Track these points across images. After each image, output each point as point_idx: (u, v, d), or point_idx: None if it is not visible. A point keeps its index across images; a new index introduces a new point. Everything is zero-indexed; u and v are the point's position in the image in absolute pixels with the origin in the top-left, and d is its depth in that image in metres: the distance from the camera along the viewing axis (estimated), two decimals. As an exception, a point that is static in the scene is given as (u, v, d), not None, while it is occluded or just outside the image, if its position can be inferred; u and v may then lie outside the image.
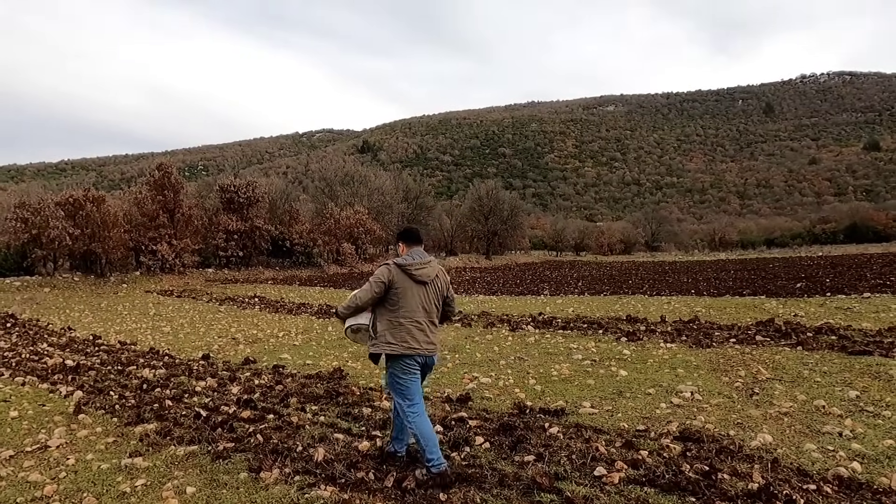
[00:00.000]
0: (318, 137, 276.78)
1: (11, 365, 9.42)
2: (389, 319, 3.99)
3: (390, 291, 4.00)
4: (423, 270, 4.06)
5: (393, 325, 3.97)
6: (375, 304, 4.09)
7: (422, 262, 4.08)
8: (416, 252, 4.17)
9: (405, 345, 3.95)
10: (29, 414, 6.17)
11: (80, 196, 26.60)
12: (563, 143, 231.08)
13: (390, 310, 4.00)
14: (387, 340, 3.97)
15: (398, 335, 3.95)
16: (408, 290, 3.99)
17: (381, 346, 3.99)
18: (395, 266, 4.02)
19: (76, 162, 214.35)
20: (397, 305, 3.98)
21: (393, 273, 4.00)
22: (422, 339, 4.00)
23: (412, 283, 4.02)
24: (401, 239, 4.28)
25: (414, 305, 3.99)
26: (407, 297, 3.98)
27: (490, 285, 24.96)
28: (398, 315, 3.97)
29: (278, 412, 5.67)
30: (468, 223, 54.19)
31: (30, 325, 14.53)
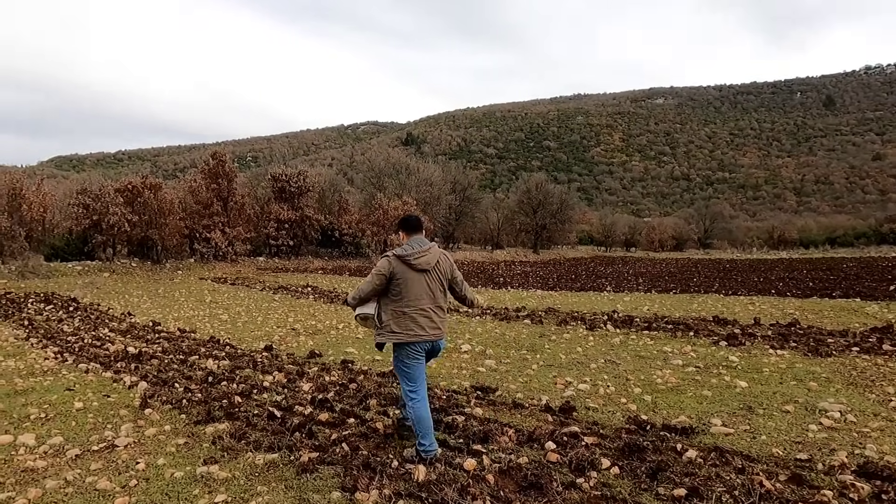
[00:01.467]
0: (362, 130, 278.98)
1: (75, 350, 9.23)
2: (393, 309, 4.06)
3: (392, 282, 4.06)
4: (423, 258, 4.07)
5: (397, 315, 4.04)
6: (379, 295, 4.17)
7: (421, 251, 4.09)
8: (416, 240, 4.18)
9: (410, 333, 4.03)
10: (94, 406, 5.80)
11: (138, 183, 26.99)
12: (610, 137, 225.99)
13: (394, 300, 4.07)
14: (391, 329, 4.06)
15: (402, 324, 4.03)
16: (409, 280, 4.04)
17: (386, 335, 4.09)
18: (394, 257, 4.07)
19: (132, 152, 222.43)
20: (400, 295, 4.04)
21: (393, 265, 4.05)
22: (427, 326, 4.07)
23: (413, 273, 4.05)
24: (401, 227, 4.32)
25: (417, 294, 4.04)
26: (409, 287, 4.03)
27: (544, 280, 24.08)
28: (401, 304, 4.04)
29: (359, 416, 5.10)
30: (516, 216, 53.08)
31: (91, 309, 14.56)
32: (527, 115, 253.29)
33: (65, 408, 5.75)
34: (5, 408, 5.81)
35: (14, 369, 7.92)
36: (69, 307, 14.88)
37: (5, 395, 6.35)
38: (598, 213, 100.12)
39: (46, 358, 8.68)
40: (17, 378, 7.26)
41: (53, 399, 6.10)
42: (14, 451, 4.51)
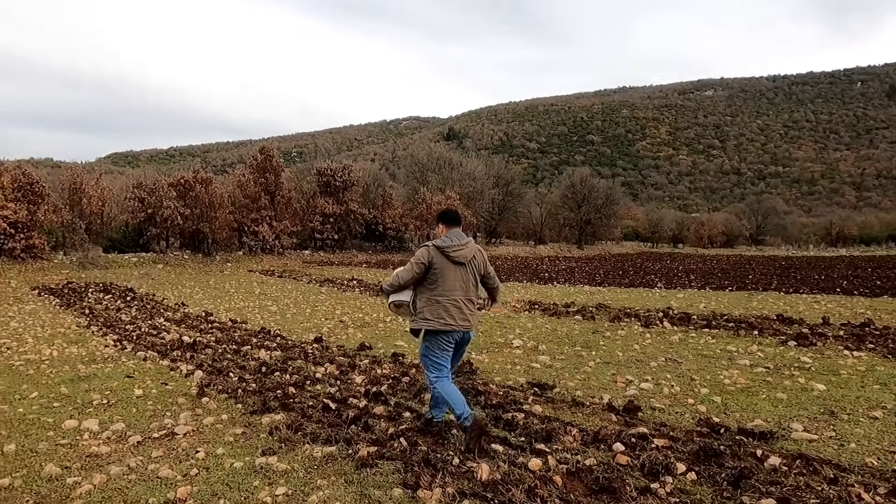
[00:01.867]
0: (404, 125, 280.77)
1: (133, 338, 9.47)
2: (428, 297, 4.21)
3: (430, 271, 4.21)
4: (461, 252, 4.23)
5: (431, 303, 4.19)
6: (416, 283, 4.31)
7: (460, 244, 4.25)
8: (454, 234, 4.33)
9: (442, 321, 4.17)
10: (153, 393, 5.88)
11: (190, 178, 27.75)
12: (656, 130, 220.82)
13: (429, 288, 4.22)
14: (425, 317, 4.20)
15: (436, 312, 4.16)
16: (446, 271, 4.19)
17: (420, 322, 4.24)
18: (434, 248, 4.23)
19: (183, 149, 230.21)
20: (436, 284, 4.19)
21: (432, 254, 4.20)
22: (458, 317, 4.21)
23: (450, 264, 4.20)
24: (440, 221, 4.47)
25: (452, 285, 4.19)
26: (445, 277, 4.19)
27: (590, 276, 23.59)
28: (436, 293, 4.18)
29: (415, 410, 4.98)
30: (559, 211, 52.31)
31: (147, 299, 15.00)
32: (570, 108, 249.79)
33: (125, 394, 5.85)
34: (69, 393, 5.96)
35: (77, 356, 8.16)
36: (126, 297, 15.37)
37: (69, 381, 6.52)
38: (644, 209, 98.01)
39: (106, 345, 8.93)
40: (80, 364, 7.47)
41: (114, 386, 6.22)
42: (79, 435, 4.59)
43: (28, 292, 16.92)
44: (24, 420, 5.07)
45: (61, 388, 6.16)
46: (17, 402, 5.68)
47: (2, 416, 5.19)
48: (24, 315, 12.52)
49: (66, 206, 26.58)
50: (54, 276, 21.59)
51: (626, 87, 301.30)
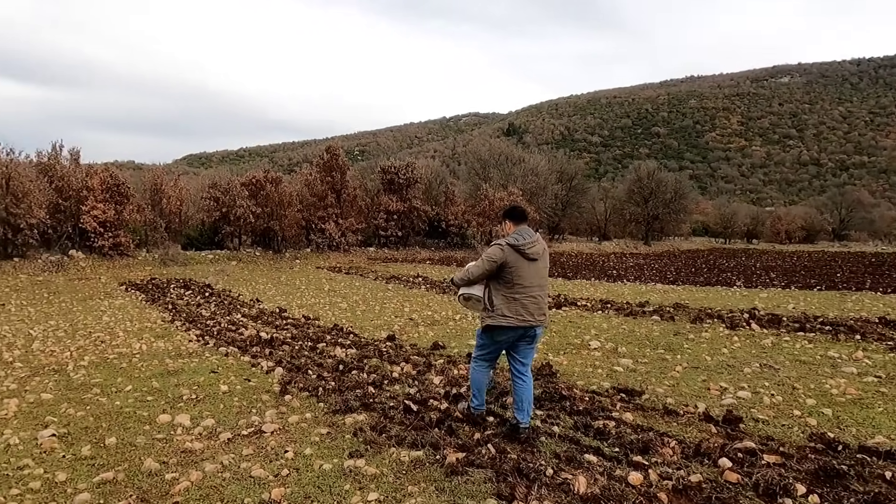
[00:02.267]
0: (464, 121, 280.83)
1: (213, 334, 9.81)
2: (505, 295, 4.21)
3: (504, 269, 4.21)
4: (534, 248, 4.25)
5: (508, 300, 4.20)
6: (489, 279, 4.33)
7: (532, 241, 4.26)
8: (523, 230, 4.32)
9: (520, 318, 4.20)
10: (237, 389, 6.02)
11: (261, 177, 28.71)
12: (727, 121, 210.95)
13: (506, 286, 4.21)
14: (503, 314, 4.20)
15: (514, 308, 4.18)
16: (521, 268, 4.20)
17: (498, 319, 4.22)
18: (507, 246, 4.22)
19: (252, 149, 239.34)
20: (512, 282, 4.19)
21: (505, 252, 4.21)
22: (536, 312, 4.25)
23: (525, 261, 4.21)
24: (507, 217, 4.46)
25: (529, 281, 4.21)
26: (521, 274, 4.20)
27: (661, 273, 22.73)
28: (514, 291, 4.19)
29: (498, 414, 4.85)
30: (625, 206, 50.78)
31: (224, 295, 15.59)
32: (634, 100, 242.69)
33: (212, 390, 6.01)
34: (160, 387, 6.19)
35: (164, 350, 8.52)
36: (205, 293, 16.03)
37: (159, 375, 6.79)
38: (714, 203, 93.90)
39: (190, 340, 9.28)
40: (168, 359, 7.78)
41: (201, 381, 6.42)
42: (172, 430, 4.73)
43: (116, 287, 17.95)
44: (122, 413, 5.29)
45: (153, 382, 6.42)
46: (114, 395, 5.94)
47: (102, 409, 5.44)
48: (115, 309, 13.26)
49: (148, 205, 28.10)
50: (139, 273, 22.84)
51: (693, 76, 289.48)
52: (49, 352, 8.64)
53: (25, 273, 22.14)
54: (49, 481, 3.80)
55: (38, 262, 23.44)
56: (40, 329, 10.75)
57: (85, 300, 15.20)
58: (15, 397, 5.97)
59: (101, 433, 4.73)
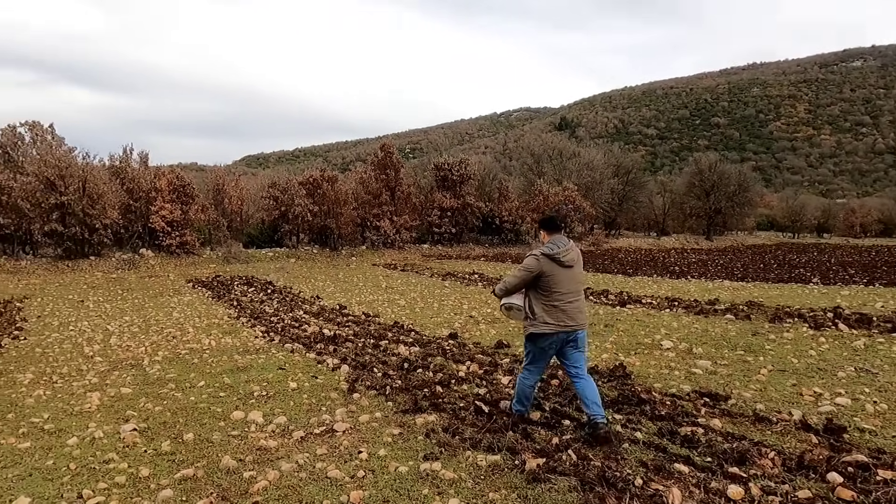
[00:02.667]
0: (515, 116, 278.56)
1: (278, 330, 9.98)
2: (544, 303, 4.32)
3: (541, 279, 4.33)
4: (569, 255, 4.35)
5: (548, 308, 4.31)
6: (528, 289, 4.45)
7: (566, 249, 4.36)
8: (558, 239, 4.43)
9: (562, 323, 4.30)
10: (306, 386, 6.05)
11: (317, 176, 29.26)
12: (793, 109, 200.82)
13: (544, 294, 4.32)
14: (545, 321, 4.31)
15: (555, 315, 4.29)
16: (558, 275, 4.31)
17: (540, 327, 4.34)
18: (543, 256, 4.33)
19: (307, 149, 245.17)
20: (550, 290, 4.30)
21: (542, 262, 4.33)
22: (576, 316, 4.34)
23: (561, 269, 4.32)
24: (543, 228, 4.61)
25: (565, 288, 4.31)
26: (559, 282, 4.31)
27: (727, 270, 21.74)
28: (552, 299, 4.30)
29: (574, 418, 4.65)
30: (685, 200, 48.95)
31: (285, 292, 15.91)
32: (692, 90, 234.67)
33: (281, 387, 6.06)
34: (231, 383, 6.29)
35: (232, 346, 8.71)
36: (267, 289, 16.41)
37: (230, 371, 6.91)
38: (779, 195, 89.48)
39: (256, 336, 9.47)
40: (236, 355, 7.94)
41: (270, 377, 6.49)
42: (247, 427, 4.76)
43: (184, 284, 18.65)
44: (197, 408, 5.38)
45: (224, 378, 6.54)
46: (188, 391, 6.08)
47: (178, 404, 5.56)
48: (183, 306, 13.74)
49: (211, 205, 29.12)
50: (204, 270, 23.70)
51: (756, 63, 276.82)
52: (125, 347, 9.00)
53: (101, 271, 23.34)
54: (133, 476, 3.87)
55: (111, 260, 24.68)
56: (116, 325, 11.24)
57: (155, 297, 15.84)
58: (97, 391, 6.20)
59: (178, 428, 4.82)
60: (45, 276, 22.22)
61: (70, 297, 16.25)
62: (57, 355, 8.52)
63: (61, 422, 5.16)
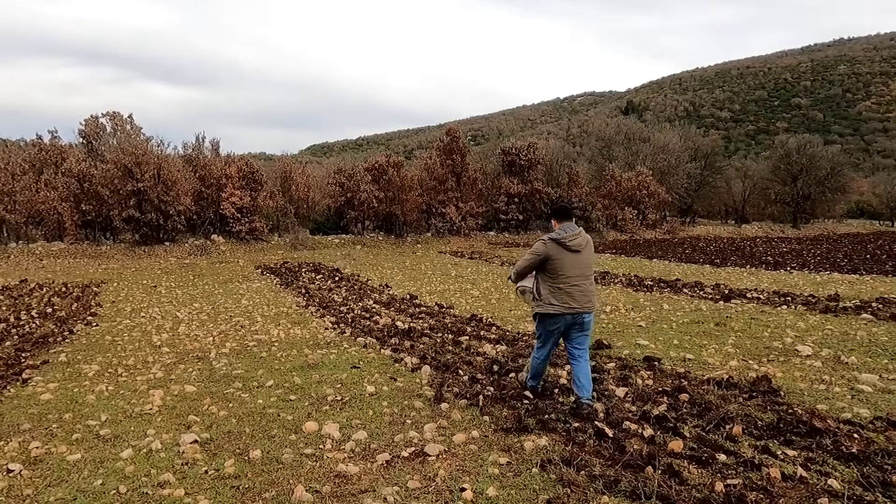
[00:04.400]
0: (579, 101, 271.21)
1: (348, 321, 9.36)
2: (550, 285, 4.54)
3: (548, 262, 4.55)
4: (576, 240, 4.55)
5: (554, 290, 4.53)
6: (537, 272, 4.68)
7: (573, 234, 4.56)
8: (567, 226, 4.63)
9: (566, 305, 4.51)
10: (384, 391, 5.29)
11: (383, 162, 28.82)
12: (885, 87, 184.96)
13: (551, 277, 4.54)
14: (550, 302, 4.54)
15: (560, 297, 4.51)
16: (564, 259, 4.51)
17: (545, 307, 4.57)
18: (550, 241, 4.56)
19: (369, 138, 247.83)
20: (556, 273, 4.51)
21: (548, 246, 4.55)
22: (581, 299, 4.54)
23: (567, 253, 4.52)
24: (553, 216, 4.77)
25: (571, 271, 4.51)
26: (564, 265, 4.51)
27: (828, 261, 19.62)
28: (558, 281, 4.51)
29: (728, 450, 3.63)
30: (770, 185, 45.45)
31: (353, 279, 15.41)
32: (770, 70, 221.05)
33: (357, 390, 5.33)
34: (302, 383, 5.63)
35: (301, 338, 8.13)
36: (335, 277, 15.98)
37: (300, 368, 6.28)
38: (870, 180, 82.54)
39: (326, 328, 8.88)
40: (306, 349, 7.32)
41: (343, 378, 5.79)
42: (321, 444, 4.04)
43: (252, 271, 18.55)
44: (265, 415, 4.72)
45: (294, 376, 5.89)
46: (256, 391, 5.45)
47: (244, 408, 4.93)
48: (252, 293, 13.44)
49: (278, 192, 29.26)
50: (272, 256, 23.72)
51: (842, 38, 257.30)
52: (193, 336, 8.60)
53: (175, 256, 23.78)
54: (190, 508, 3.19)
55: (184, 246, 25.14)
56: (186, 312, 10.97)
57: (225, 283, 15.71)
58: (160, 388, 5.68)
59: (244, 441, 4.15)
60: (123, 260, 22.84)
61: (144, 282, 16.39)
62: (125, 344, 8.21)
63: (119, 425, 4.62)
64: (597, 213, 35.06)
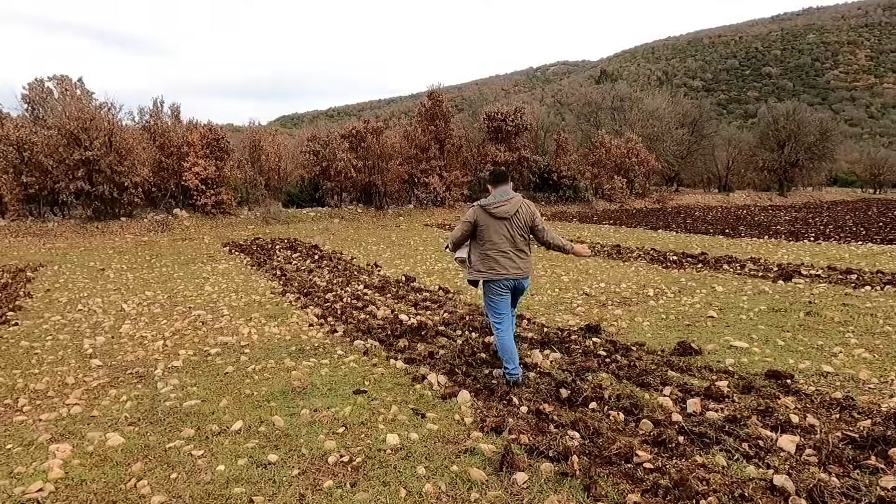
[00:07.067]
0: (552, 71, 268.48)
1: (337, 314, 7.48)
2: (479, 252, 4.58)
3: (478, 228, 4.55)
4: (502, 208, 4.46)
5: (482, 257, 4.54)
6: (471, 239, 4.68)
7: (502, 201, 4.48)
8: (500, 191, 4.55)
9: (493, 272, 4.50)
10: (412, 441, 3.48)
11: (361, 128, 26.54)
12: (853, 56, 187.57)
13: (479, 244, 4.57)
14: (478, 269, 4.57)
15: (486, 264, 4.52)
16: (490, 227, 4.48)
17: (474, 274, 4.63)
18: (478, 207, 4.56)
19: (340, 108, 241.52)
20: (483, 239, 4.52)
21: (477, 213, 4.55)
22: (509, 266, 4.49)
23: (493, 220, 4.47)
24: (489, 181, 4.70)
25: (498, 238, 4.46)
26: (490, 232, 4.48)
27: (844, 229, 18.37)
28: (485, 248, 4.51)
29: None
30: (758, 152, 44.37)
31: (335, 258, 13.45)
32: (741, 38, 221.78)
33: (371, 440, 3.52)
34: (286, 427, 3.78)
35: (280, 340, 6.26)
36: (313, 255, 13.99)
37: (281, 395, 4.42)
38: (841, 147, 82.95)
39: (310, 324, 7.00)
40: (287, 358, 5.47)
41: (347, 414, 3.95)
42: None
43: (219, 249, 16.40)
44: (228, 502, 2.87)
45: (273, 412, 4.05)
46: (216, 445, 3.58)
47: (195, 487, 3.05)
48: (218, 276, 11.40)
49: (247, 162, 26.80)
50: (241, 232, 21.50)
51: (811, 7, 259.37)
52: (138, 339, 6.63)
53: (131, 233, 21.39)
54: None
55: (143, 221, 22.71)
56: (134, 302, 8.93)
57: (187, 264, 13.59)
58: (70, 438, 3.77)
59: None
60: (73, 238, 20.38)
61: (91, 263, 14.15)
62: (45, 353, 6.20)
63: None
64: (585, 182, 33.43)
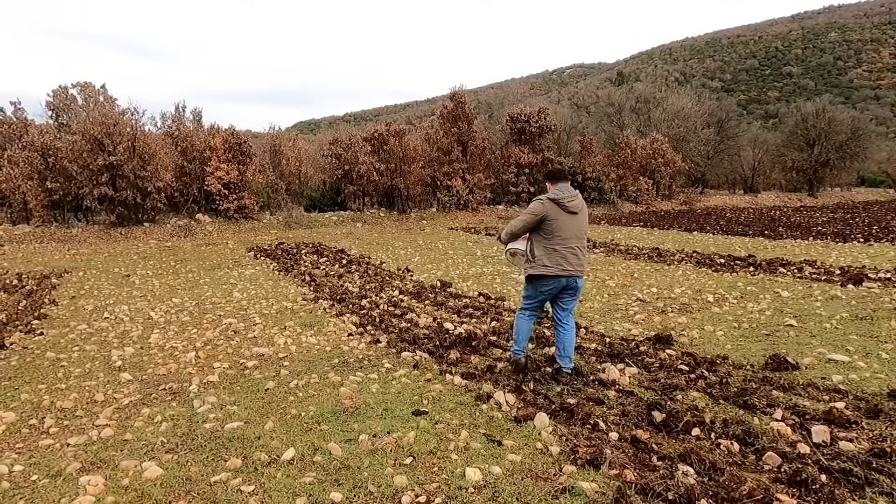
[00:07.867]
0: (568, 73, 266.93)
1: (377, 322, 7.01)
2: (545, 246, 4.47)
3: (545, 223, 4.46)
4: (574, 202, 4.49)
5: (549, 251, 4.45)
6: (532, 233, 4.60)
7: (571, 196, 4.49)
8: (563, 187, 4.56)
9: (560, 267, 4.44)
10: (496, 475, 3.01)
11: (383, 130, 26.14)
12: (876, 54, 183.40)
13: (546, 238, 4.46)
14: (544, 264, 4.47)
15: (553, 259, 4.43)
16: (560, 220, 4.43)
17: (539, 269, 4.49)
18: (548, 200, 4.49)
19: (356, 113, 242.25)
20: (552, 234, 4.43)
21: (546, 206, 4.47)
22: (574, 262, 4.47)
23: (564, 214, 4.44)
24: (548, 179, 4.77)
25: (568, 233, 4.43)
26: (561, 227, 4.43)
27: (872, 229, 17.52)
28: (553, 242, 4.43)
29: None
30: (786, 152, 43.16)
31: (363, 262, 13.01)
32: (761, 38, 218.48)
33: (447, 473, 3.02)
34: (345, 456, 3.30)
35: (320, 351, 5.80)
36: (341, 260, 13.56)
37: (332, 418, 3.94)
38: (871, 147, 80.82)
39: (349, 333, 6.54)
40: (332, 373, 5.01)
41: (412, 441, 3.46)
42: None
43: (244, 254, 16.06)
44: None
45: (326, 438, 3.57)
46: (267, 476, 3.10)
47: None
48: (245, 282, 11.01)
49: (268, 166, 26.57)
50: (265, 237, 21.20)
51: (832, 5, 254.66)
52: (169, 349, 6.22)
53: (155, 238, 21.21)
54: None
55: (166, 226, 22.52)
56: (162, 310, 8.55)
57: (213, 269, 13.25)
58: (102, 468, 3.33)
59: None
60: (97, 244, 20.22)
61: (116, 269, 13.88)
62: (72, 365, 5.81)
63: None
64: (609, 184, 32.68)
